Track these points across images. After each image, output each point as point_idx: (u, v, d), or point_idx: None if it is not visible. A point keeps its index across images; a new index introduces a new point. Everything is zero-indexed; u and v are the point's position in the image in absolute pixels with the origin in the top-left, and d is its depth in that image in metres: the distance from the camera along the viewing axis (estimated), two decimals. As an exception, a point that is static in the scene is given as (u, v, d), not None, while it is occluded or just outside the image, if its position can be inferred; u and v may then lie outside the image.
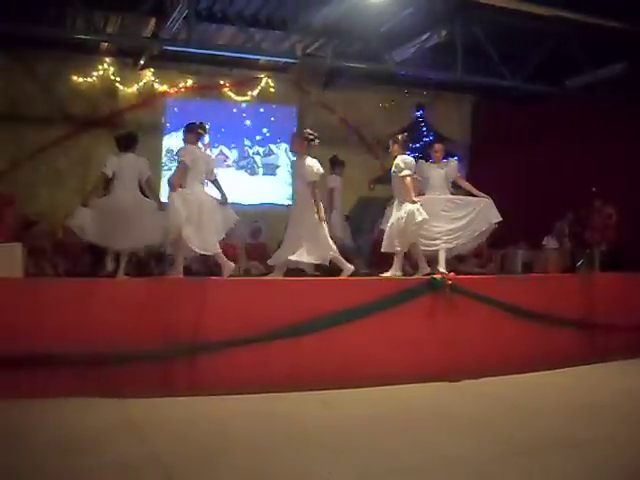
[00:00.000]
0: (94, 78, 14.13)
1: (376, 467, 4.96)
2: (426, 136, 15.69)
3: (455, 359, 8.11)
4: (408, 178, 8.65)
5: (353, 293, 7.91)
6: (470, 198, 9.14)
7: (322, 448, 5.38)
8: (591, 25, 11.35)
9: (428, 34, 12.68)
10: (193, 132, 8.44)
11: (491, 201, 9.12)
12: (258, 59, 14.03)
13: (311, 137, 8.61)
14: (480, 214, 8.95)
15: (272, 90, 15.51)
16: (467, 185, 9.39)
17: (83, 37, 12.02)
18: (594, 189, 11.46)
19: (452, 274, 8.49)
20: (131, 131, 9.07)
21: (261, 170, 15.90)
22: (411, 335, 8.04)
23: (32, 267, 9.65)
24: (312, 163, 8.46)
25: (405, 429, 6.03)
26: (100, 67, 14.17)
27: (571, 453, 5.32)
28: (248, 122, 15.74)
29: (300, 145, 8.65)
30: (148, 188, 8.88)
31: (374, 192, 11.31)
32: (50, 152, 13.60)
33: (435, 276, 8.35)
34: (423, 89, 16.07)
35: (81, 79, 14.03)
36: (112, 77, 14.29)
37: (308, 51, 13.40)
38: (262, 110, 15.79)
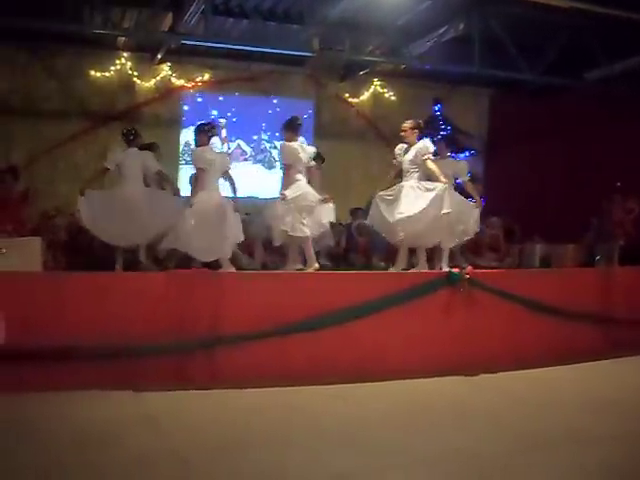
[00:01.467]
0: (112, 73, 14.18)
1: (392, 460, 4.97)
2: (444, 130, 15.66)
3: (472, 353, 8.09)
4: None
5: (371, 287, 7.91)
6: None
7: (339, 441, 5.39)
8: (609, 17, 11.25)
9: (445, 27, 12.66)
10: (203, 133, 8.44)
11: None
12: (275, 53, 14.03)
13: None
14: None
15: (289, 84, 15.51)
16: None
17: (101, 32, 12.10)
18: (618, 184, 11.39)
19: (470, 268, 8.48)
20: (133, 126, 9.11)
21: (278, 164, 15.89)
22: (428, 329, 8.04)
23: (51, 261, 9.72)
24: None
25: (421, 423, 6.03)
26: (117, 62, 14.21)
27: (586, 448, 5.29)
28: (265, 116, 15.73)
29: None
30: (162, 180, 8.93)
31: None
32: (68, 147, 13.67)
33: (453, 270, 8.33)
34: (440, 83, 16.02)
35: (99, 74, 14.08)
36: (129, 72, 14.33)
37: (325, 45, 13.38)
38: (279, 104, 15.79)
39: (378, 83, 16.01)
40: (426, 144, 8.59)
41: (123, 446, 5.15)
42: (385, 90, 16.14)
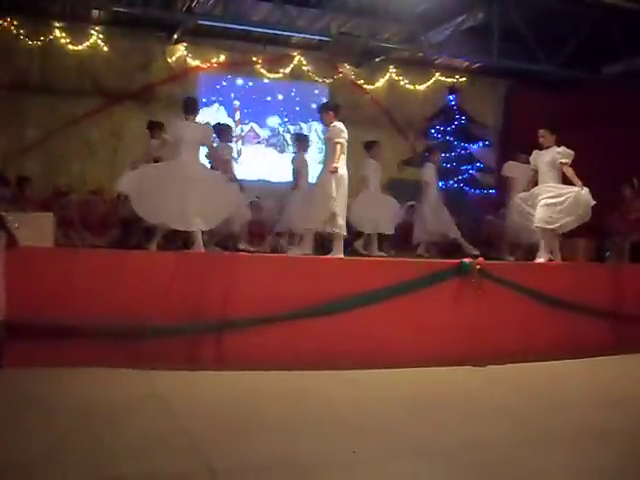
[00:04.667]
0: (128, 51, 14.14)
1: (401, 448, 4.96)
2: (458, 120, 15.63)
3: (481, 344, 8.07)
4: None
5: (383, 274, 7.89)
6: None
7: (348, 427, 5.38)
8: (630, 10, 11.18)
9: (464, 16, 12.61)
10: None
11: None
12: (292, 36, 13.99)
13: None
14: None
15: (305, 68, 15.47)
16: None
17: (118, 9, 12.06)
18: (635, 179, 11.36)
19: (481, 259, 8.46)
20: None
21: (291, 148, 15.85)
22: (438, 318, 8.01)
23: (61, 237, 9.74)
24: None
25: (430, 412, 6.02)
26: (134, 41, 14.17)
27: (594, 443, 5.26)
28: (279, 99, 15.70)
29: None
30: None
31: (404, 174, 11.28)
32: (82, 124, 13.68)
33: (464, 260, 8.32)
34: (457, 72, 15.96)
35: (115, 52, 14.05)
36: (145, 51, 14.29)
37: (343, 30, 13.34)
38: (294, 88, 15.75)
39: (394, 70, 15.96)
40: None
41: (131, 423, 5.15)
42: (400, 78, 16.08)
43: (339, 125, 8.54)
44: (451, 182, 15.38)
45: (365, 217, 10.37)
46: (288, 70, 15.42)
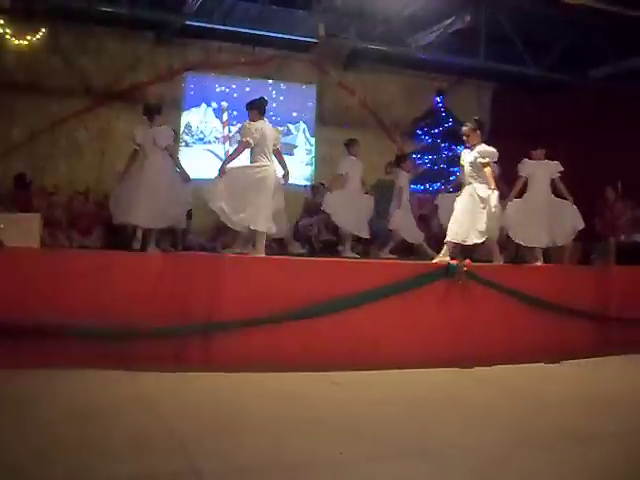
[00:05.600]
0: (115, 52, 14.10)
1: (387, 449, 4.97)
2: (445, 122, 15.66)
3: (467, 346, 8.10)
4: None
5: (369, 276, 7.89)
6: None
7: (333, 429, 5.38)
8: (616, 15, 11.25)
9: (452, 19, 12.65)
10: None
11: None
12: (280, 37, 13.98)
13: None
14: None
15: (293, 70, 15.48)
16: None
17: (105, 9, 12.03)
18: (619, 183, 11.44)
19: (468, 261, 8.47)
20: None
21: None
22: (425, 320, 8.03)
23: (48, 238, 9.71)
24: None
25: (415, 413, 6.03)
26: (121, 41, 14.13)
27: (579, 445, 5.28)
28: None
29: None
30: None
31: (392, 175, 11.27)
32: (70, 124, 13.64)
33: (451, 262, 8.34)
34: (444, 74, 16.00)
35: (102, 52, 14.00)
36: (133, 51, 14.26)
37: (330, 32, 13.34)
38: (282, 89, 15.75)
39: (381, 72, 15.96)
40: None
41: (118, 424, 5.14)
42: (388, 79, 16.09)
43: (254, 124, 8.26)
44: (439, 184, 15.39)
45: (346, 217, 10.25)
46: (276, 71, 15.41)
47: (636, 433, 5.73)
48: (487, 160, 8.56)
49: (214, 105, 15.11)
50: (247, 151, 8.16)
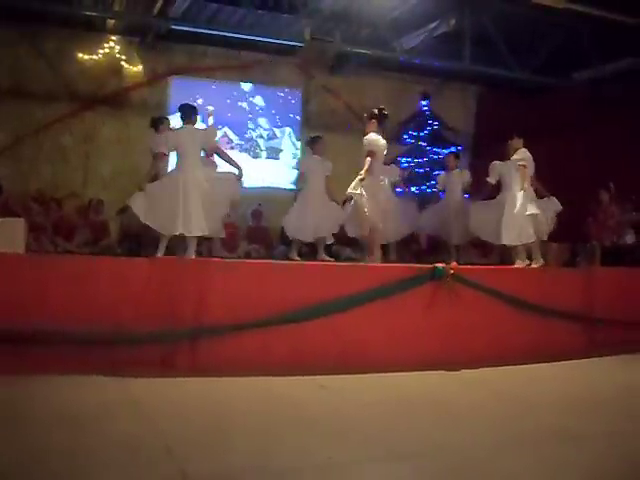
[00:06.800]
0: (100, 56, 14.06)
1: (375, 452, 4.97)
2: (431, 125, 15.69)
3: (454, 348, 8.13)
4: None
5: (356, 279, 7.90)
6: None
7: (321, 432, 5.38)
8: (600, 18, 11.33)
9: (437, 22, 12.69)
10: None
11: None
12: (265, 42, 13.97)
13: None
14: None
15: (278, 73, 15.47)
16: None
17: (90, 14, 12.00)
18: (611, 185, 11.51)
19: (454, 264, 8.49)
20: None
21: (264, 153, 15.85)
22: (412, 323, 8.04)
23: (33, 243, 9.67)
24: None
25: (403, 416, 6.03)
26: (106, 45, 14.10)
27: (567, 446, 5.29)
28: (253, 105, 15.68)
29: None
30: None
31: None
32: (54, 129, 13.58)
33: (438, 265, 8.35)
34: (429, 77, 16.03)
35: (87, 57, 13.96)
36: (118, 55, 14.22)
37: (316, 35, 13.35)
38: (267, 93, 15.74)
39: (366, 76, 15.96)
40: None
41: (106, 430, 5.10)
42: (373, 83, 16.10)
43: (172, 132, 8.45)
44: (424, 187, 15.42)
45: (303, 225, 9.69)
46: (261, 75, 15.40)
47: (623, 433, 5.74)
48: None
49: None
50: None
